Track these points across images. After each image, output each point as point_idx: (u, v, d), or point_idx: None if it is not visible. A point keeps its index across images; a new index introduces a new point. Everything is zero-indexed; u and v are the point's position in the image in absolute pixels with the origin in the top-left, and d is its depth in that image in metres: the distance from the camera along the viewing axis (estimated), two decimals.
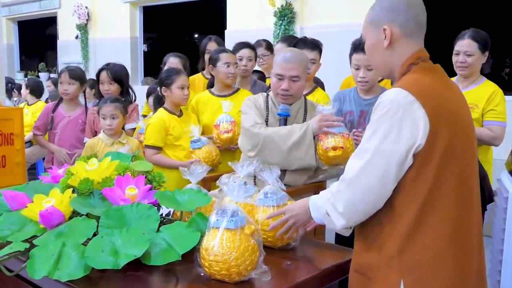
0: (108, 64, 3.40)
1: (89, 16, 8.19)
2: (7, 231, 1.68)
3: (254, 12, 5.94)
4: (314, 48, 3.01)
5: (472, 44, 2.81)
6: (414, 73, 1.50)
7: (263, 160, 2.40)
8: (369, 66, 2.61)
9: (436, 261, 1.42)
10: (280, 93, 2.48)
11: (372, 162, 1.43)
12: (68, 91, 3.49)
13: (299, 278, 1.53)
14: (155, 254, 1.53)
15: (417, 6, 1.54)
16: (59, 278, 1.43)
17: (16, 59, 10.31)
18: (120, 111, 2.98)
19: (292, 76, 2.45)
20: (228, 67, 3.11)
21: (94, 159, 1.88)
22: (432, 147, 1.40)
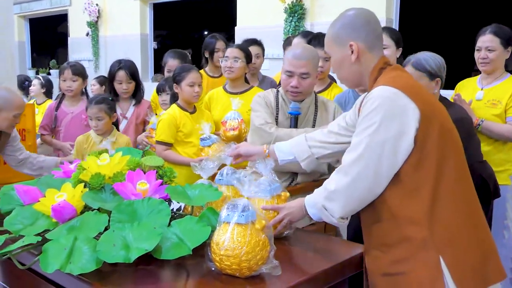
0: (121, 62, 3.39)
1: (100, 13, 8.22)
2: (19, 225, 1.70)
3: (264, 9, 5.92)
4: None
5: (494, 39, 2.78)
6: (387, 73, 1.63)
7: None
8: None
9: (463, 233, 1.53)
10: (290, 90, 2.47)
11: (366, 153, 1.53)
12: (72, 87, 3.47)
13: (310, 273, 1.53)
14: (166, 249, 1.54)
15: (372, 21, 1.68)
16: (71, 272, 1.44)
17: (28, 57, 10.37)
18: (105, 112, 2.95)
19: (302, 73, 2.43)
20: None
21: (106, 154, 1.89)
22: (427, 131, 1.51)
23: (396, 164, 1.52)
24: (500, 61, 2.85)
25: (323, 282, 1.56)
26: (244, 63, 3.16)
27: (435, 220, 1.51)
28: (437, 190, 1.52)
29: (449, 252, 1.50)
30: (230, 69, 3.14)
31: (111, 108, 3.01)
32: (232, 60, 3.13)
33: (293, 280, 1.47)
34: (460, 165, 1.59)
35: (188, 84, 2.96)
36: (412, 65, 2.48)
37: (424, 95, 1.59)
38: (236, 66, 3.13)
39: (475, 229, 1.56)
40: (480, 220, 1.60)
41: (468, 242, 1.53)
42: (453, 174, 1.55)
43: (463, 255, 1.51)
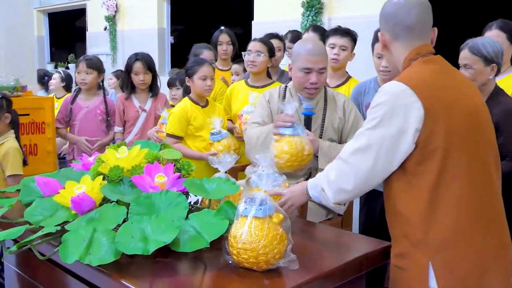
0: (137, 54, 3.41)
1: (118, 8, 8.26)
2: (39, 216, 1.72)
3: (282, 3, 5.89)
4: (344, 35, 2.97)
5: (500, 34, 2.73)
6: (413, 67, 1.63)
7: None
8: None
9: (460, 241, 1.49)
10: (309, 87, 2.43)
11: (366, 146, 1.56)
12: (86, 80, 3.48)
13: (327, 267, 1.52)
14: (184, 241, 1.54)
15: (400, 13, 1.67)
16: (90, 263, 1.46)
17: (46, 51, 10.47)
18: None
19: (320, 69, 2.42)
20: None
21: (124, 147, 1.90)
22: (431, 130, 1.50)
23: (393, 162, 1.54)
24: (506, 56, 2.77)
25: (340, 277, 1.55)
26: (267, 57, 3.16)
27: (431, 223, 1.50)
28: (436, 194, 1.50)
29: (440, 259, 1.48)
30: (252, 63, 3.14)
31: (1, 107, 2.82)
32: (254, 54, 3.13)
33: (310, 275, 1.46)
34: (475, 168, 1.54)
35: (200, 77, 2.96)
36: (468, 48, 2.44)
37: (439, 94, 1.55)
38: (258, 60, 3.13)
39: (480, 237, 1.52)
40: (492, 228, 1.55)
41: (465, 251, 1.50)
42: (461, 179, 1.51)
43: (455, 265, 1.48)
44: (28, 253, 1.75)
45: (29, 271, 1.99)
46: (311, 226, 2.01)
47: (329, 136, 2.51)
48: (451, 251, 1.48)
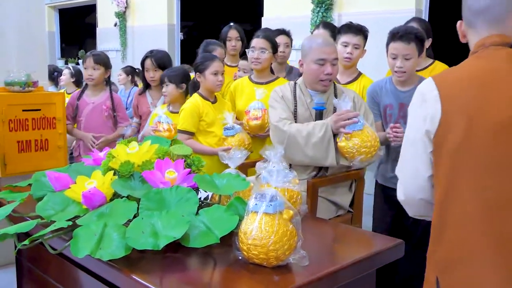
0: (152, 51, 3.42)
1: (128, 4, 8.28)
2: (51, 210, 1.72)
3: None
4: (357, 33, 2.96)
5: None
6: (464, 61, 1.48)
7: (288, 156, 2.41)
8: (407, 55, 2.49)
9: (473, 261, 1.36)
10: (324, 78, 2.45)
11: (405, 150, 1.52)
12: (93, 76, 3.46)
13: (337, 264, 1.52)
14: (194, 237, 1.54)
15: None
16: (101, 257, 1.46)
17: (57, 47, 10.53)
18: None
19: (333, 59, 2.44)
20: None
21: (135, 142, 1.90)
22: (444, 136, 1.39)
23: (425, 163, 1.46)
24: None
25: (351, 274, 1.54)
26: (271, 54, 3.15)
27: (442, 238, 1.42)
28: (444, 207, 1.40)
29: (446, 277, 1.41)
30: (256, 60, 3.14)
31: None
32: (258, 51, 3.13)
33: (321, 271, 1.46)
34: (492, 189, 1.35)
35: (212, 72, 2.97)
36: None
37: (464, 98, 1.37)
38: (262, 57, 3.13)
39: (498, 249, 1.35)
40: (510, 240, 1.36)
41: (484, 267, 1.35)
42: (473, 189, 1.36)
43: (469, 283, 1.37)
44: (39, 247, 1.76)
45: (40, 266, 2.01)
46: (321, 222, 2.01)
47: None
48: (464, 272, 1.38)
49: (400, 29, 2.58)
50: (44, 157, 3.32)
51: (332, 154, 2.37)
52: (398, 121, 2.57)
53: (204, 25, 10.10)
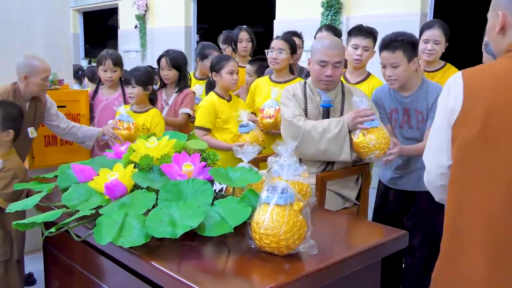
0: (168, 51, 3.39)
1: (147, 7, 8.30)
2: (76, 201, 1.74)
3: (302, 3, 5.85)
4: (367, 36, 2.92)
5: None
6: (497, 60, 1.37)
7: (300, 151, 2.40)
8: (394, 63, 2.39)
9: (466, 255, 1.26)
10: (324, 79, 2.44)
11: (431, 138, 1.43)
12: (112, 77, 3.37)
13: (345, 254, 1.51)
14: (209, 226, 1.55)
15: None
16: (122, 245, 1.48)
17: (81, 47, 10.59)
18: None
19: (335, 62, 2.42)
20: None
21: (154, 137, 1.91)
22: (459, 130, 1.29)
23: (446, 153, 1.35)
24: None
25: (358, 262, 1.54)
26: (289, 54, 3.15)
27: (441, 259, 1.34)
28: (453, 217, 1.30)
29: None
30: (274, 60, 3.14)
31: None
32: (277, 51, 3.13)
33: (329, 260, 1.46)
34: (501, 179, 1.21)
35: (228, 72, 2.97)
36: None
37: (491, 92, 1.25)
38: (280, 57, 3.12)
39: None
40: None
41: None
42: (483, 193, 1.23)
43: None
44: (64, 235, 1.77)
45: (65, 252, 2.03)
46: (329, 214, 2.00)
47: None
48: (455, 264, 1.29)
49: (387, 37, 2.47)
50: (69, 150, 3.35)
51: (347, 149, 2.35)
52: (403, 126, 2.54)
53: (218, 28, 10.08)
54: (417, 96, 2.48)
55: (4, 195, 2.12)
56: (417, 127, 2.50)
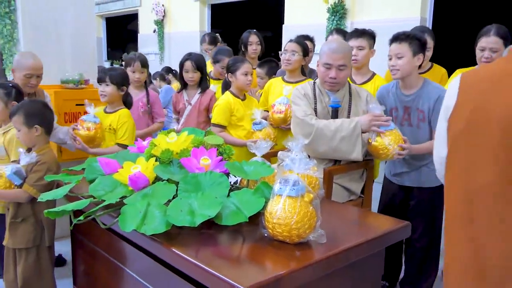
0: (191, 54, 3.34)
1: (165, 13, 8.32)
2: (102, 191, 1.75)
3: (309, 9, 5.84)
4: (359, 36, 2.90)
5: (499, 40, 2.57)
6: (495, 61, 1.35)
7: (312, 148, 2.38)
8: (398, 54, 2.40)
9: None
10: (328, 81, 2.43)
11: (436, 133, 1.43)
12: (140, 78, 3.34)
13: (352, 242, 1.50)
14: (226, 216, 1.54)
15: None
16: (145, 232, 1.48)
17: (104, 50, 10.65)
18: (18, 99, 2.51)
19: (339, 65, 2.40)
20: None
21: (173, 133, 1.91)
22: (451, 125, 1.29)
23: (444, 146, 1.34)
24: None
25: (364, 251, 1.53)
26: (301, 56, 3.15)
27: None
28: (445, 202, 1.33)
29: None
30: (287, 61, 3.14)
31: (8, 94, 2.52)
32: (290, 53, 3.13)
33: (337, 248, 1.45)
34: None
35: (242, 73, 2.97)
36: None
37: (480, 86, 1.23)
38: (293, 59, 3.12)
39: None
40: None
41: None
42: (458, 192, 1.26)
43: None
44: (91, 223, 1.78)
45: (92, 239, 2.04)
46: (337, 205, 1.99)
47: None
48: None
49: (398, 33, 2.49)
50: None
51: (358, 148, 2.34)
52: (403, 123, 2.52)
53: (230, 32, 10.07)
54: (419, 95, 2.46)
55: (38, 186, 2.13)
56: (417, 125, 2.47)
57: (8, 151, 2.36)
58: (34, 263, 2.19)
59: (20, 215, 2.16)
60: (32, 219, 2.17)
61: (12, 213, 2.18)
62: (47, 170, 2.14)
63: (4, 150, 2.36)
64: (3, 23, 3.52)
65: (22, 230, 2.16)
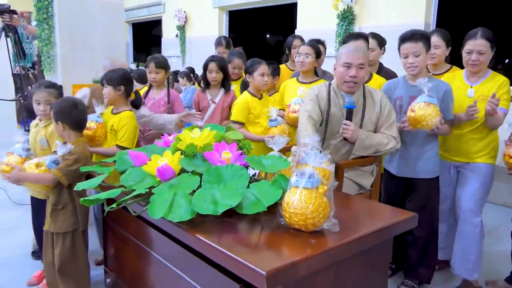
0: (213, 57, 3.34)
1: (187, 19, 8.33)
2: (132, 181, 1.75)
3: (320, 15, 5.79)
4: (358, 38, 2.89)
5: (486, 43, 2.51)
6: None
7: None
8: (416, 52, 2.42)
9: None
10: (348, 80, 2.36)
11: None
12: (156, 79, 3.28)
13: (363, 231, 1.49)
14: (246, 205, 1.54)
15: None
16: (172, 219, 1.48)
17: (130, 53, 10.72)
18: (54, 97, 2.49)
19: (359, 64, 2.35)
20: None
21: (197, 128, 1.91)
22: None
23: None
24: (487, 62, 2.58)
25: (373, 239, 1.51)
26: (314, 59, 3.13)
27: None
28: None
29: None
30: (302, 63, 3.13)
31: (60, 94, 2.54)
32: (304, 56, 3.11)
33: (349, 236, 1.44)
34: None
35: (259, 74, 2.97)
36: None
37: None
38: (306, 61, 3.11)
39: None
40: None
41: None
42: None
43: None
44: (121, 211, 1.79)
45: (122, 225, 2.06)
46: (348, 197, 1.97)
47: (368, 128, 2.45)
48: None
49: (407, 33, 2.51)
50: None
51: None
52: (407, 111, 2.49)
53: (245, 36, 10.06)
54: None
55: (63, 171, 2.13)
56: None
57: (49, 142, 2.39)
58: (70, 247, 2.21)
59: (60, 203, 2.19)
60: (71, 206, 2.19)
61: (53, 200, 2.20)
62: (76, 160, 2.16)
63: (46, 141, 2.38)
64: (41, 28, 3.56)
65: (62, 216, 2.18)
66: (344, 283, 1.50)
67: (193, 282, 1.55)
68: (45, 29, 3.56)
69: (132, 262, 2.00)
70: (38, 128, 2.42)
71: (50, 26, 3.58)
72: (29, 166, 2.16)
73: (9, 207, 3.83)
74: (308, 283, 1.37)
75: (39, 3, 3.54)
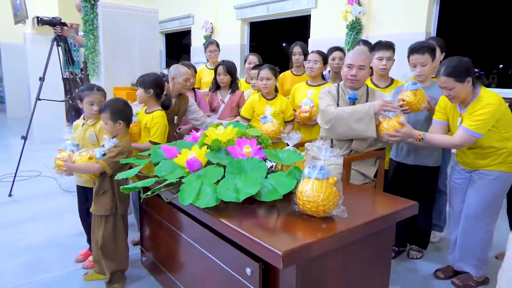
0: (223, 61, 3.34)
1: (213, 29, 8.34)
2: (164, 172, 1.77)
3: (331, 25, 5.71)
4: (388, 48, 2.80)
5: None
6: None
7: (333, 131, 2.35)
8: (423, 63, 2.44)
9: None
10: (349, 78, 2.41)
11: None
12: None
13: (369, 217, 1.47)
14: (264, 194, 1.54)
15: None
16: (199, 205, 1.49)
17: (163, 60, 10.80)
18: (104, 99, 2.47)
19: (359, 65, 2.37)
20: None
21: (221, 126, 1.91)
22: None
23: None
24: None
25: (378, 225, 1.49)
26: (321, 65, 3.11)
27: None
28: None
29: None
30: (311, 69, 3.11)
31: (105, 96, 2.52)
32: (312, 62, 3.10)
33: (356, 222, 1.42)
34: None
35: (260, 78, 3.01)
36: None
37: None
38: (315, 67, 3.09)
39: None
40: None
41: None
42: None
43: None
44: (155, 198, 1.81)
45: (156, 210, 2.08)
46: (355, 187, 1.95)
47: None
48: None
49: (416, 44, 2.50)
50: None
51: (373, 127, 2.28)
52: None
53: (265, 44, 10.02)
54: (431, 87, 2.52)
55: (108, 161, 2.16)
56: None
57: (98, 138, 2.43)
58: (111, 229, 2.24)
59: (102, 189, 2.22)
60: (110, 192, 2.22)
61: (96, 186, 2.24)
62: (119, 153, 2.18)
63: (95, 137, 2.42)
64: (88, 38, 3.62)
65: (103, 200, 2.22)
66: (352, 263, 1.49)
67: (217, 261, 1.56)
68: (90, 39, 3.62)
69: (165, 243, 2.02)
70: (86, 126, 2.45)
71: (95, 36, 3.64)
72: (81, 159, 2.20)
73: (60, 194, 3.92)
74: (320, 262, 1.37)
75: (86, 16, 3.60)
